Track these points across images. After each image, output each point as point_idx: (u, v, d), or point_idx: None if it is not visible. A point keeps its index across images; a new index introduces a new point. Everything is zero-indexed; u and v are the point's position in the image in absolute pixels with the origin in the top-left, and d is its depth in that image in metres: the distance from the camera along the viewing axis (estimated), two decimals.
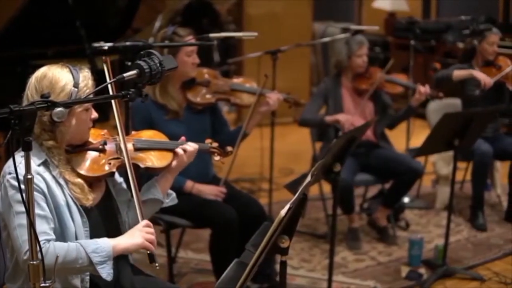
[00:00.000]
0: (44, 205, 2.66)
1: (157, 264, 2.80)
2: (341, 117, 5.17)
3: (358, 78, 5.39)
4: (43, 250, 2.47)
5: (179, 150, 3.12)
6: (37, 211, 2.58)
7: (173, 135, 3.93)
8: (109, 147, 2.94)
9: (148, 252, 2.79)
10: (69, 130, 2.76)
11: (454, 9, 9.90)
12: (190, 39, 4.14)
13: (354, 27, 5.56)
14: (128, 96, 2.62)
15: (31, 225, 2.29)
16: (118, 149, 2.94)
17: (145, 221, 2.81)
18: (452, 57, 8.68)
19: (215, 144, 3.44)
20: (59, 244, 2.62)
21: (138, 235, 2.76)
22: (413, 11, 10.20)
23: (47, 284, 2.35)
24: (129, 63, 3.42)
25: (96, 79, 2.84)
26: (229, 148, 3.46)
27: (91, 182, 2.86)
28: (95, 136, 2.96)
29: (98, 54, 5.36)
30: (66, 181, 2.76)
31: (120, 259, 2.94)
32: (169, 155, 3.12)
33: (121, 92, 2.66)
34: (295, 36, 8.14)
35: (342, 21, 10.73)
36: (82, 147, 2.87)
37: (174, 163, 3.11)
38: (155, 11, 7.37)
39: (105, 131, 3.04)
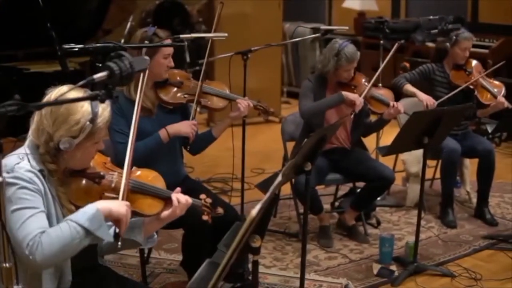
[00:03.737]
0: (41, 203, 2.63)
1: (119, 244, 2.76)
2: (357, 97, 5.06)
3: (343, 87, 5.24)
4: (39, 243, 2.49)
5: (174, 199, 3.01)
6: (35, 205, 2.59)
7: (145, 132, 3.96)
8: (106, 181, 2.87)
9: (117, 230, 2.72)
10: (72, 160, 2.75)
11: (423, 8, 9.98)
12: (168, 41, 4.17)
13: (324, 27, 5.57)
14: (98, 97, 2.62)
15: (3, 228, 2.28)
16: (114, 185, 2.88)
17: (128, 202, 2.75)
18: (421, 57, 8.76)
19: (208, 200, 3.36)
20: (50, 229, 2.56)
21: (123, 207, 2.70)
22: (382, 11, 10.27)
23: (20, 287, 2.34)
24: (100, 65, 3.41)
25: (67, 80, 2.83)
26: (219, 210, 3.42)
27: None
28: (96, 162, 2.91)
29: (69, 55, 5.37)
30: (62, 205, 2.74)
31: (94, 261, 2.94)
32: (161, 204, 3.01)
33: (91, 93, 2.66)
34: (265, 37, 8.15)
35: (312, 21, 10.77)
36: (79, 174, 2.83)
37: (165, 213, 3.00)
38: (125, 12, 7.36)
39: (108, 159, 2.99)
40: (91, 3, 6.55)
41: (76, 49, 3.87)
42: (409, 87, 5.82)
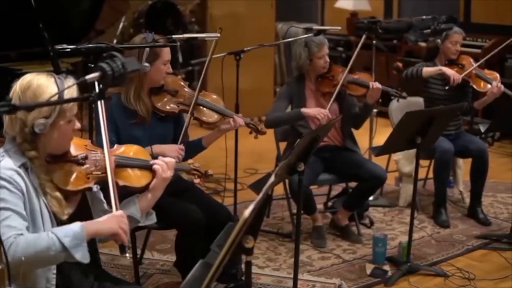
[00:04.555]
0: (21, 203, 2.63)
1: (127, 255, 2.75)
2: (318, 112, 5.09)
3: (321, 80, 5.34)
4: (13, 244, 2.49)
5: (156, 166, 3.06)
6: (13, 207, 2.59)
7: (136, 139, 3.93)
8: (90, 161, 2.90)
9: (120, 243, 2.71)
10: (51, 142, 2.76)
11: (415, 8, 9.99)
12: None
13: (316, 27, 5.56)
14: (91, 98, 2.62)
15: None
16: (99, 164, 2.91)
17: (121, 212, 2.75)
18: (414, 57, 8.77)
19: (196, 165, 3.38)
20: (30, 235, 2.57)
21: (113, 221, 2.69)
22: (375, 11, 10.28)
23: None
24: (92, 65, 3.41)
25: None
26: (210, 171, 3.43)
27: (67, 195, 2.84)
28: (77, 146, 2.93)
29: (61, 56, 5.35)
30: (46, 193, 2.75)
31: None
32: (149, 175, 3.07)
33: (84, 94, 2.66)
34: (258, 37, 8.15)
35: (304, 21, 10.78)
36: (62, 158, 2.84)
37: (154, 182, 3.06)
38: (118, 13, 7.34)
39: (88, 142, 3.02)
40: (84, 4, 6.53)
41: (69, 49, 3.87)
42: (428, 68, 5.82)
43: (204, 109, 4.41)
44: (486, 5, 9.21)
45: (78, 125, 2.86)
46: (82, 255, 2.59)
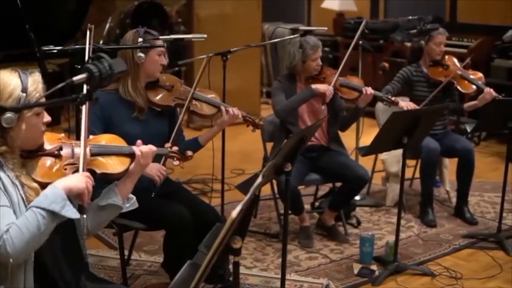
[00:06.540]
0: (5, 198, 2.63)
1: (85, 216, 2.76)
2: (327, 88, 5.14)
3: (312, 81, 5.31)
4: (7, 239, 2.49)
5: (136, 151, 3.07)
6: (3, 203, 2.59)
7: (130, 134, 3.94)
8: (65, 152, 2.89)
9: (80, 203, 2.73)
10: (20, 136, 2.72)
11: (401, 9, 10.02)
12: (159, 40, 4.18)
13: (303, 27, 5.57)
14: (78, 99, 2.61)
15: None
16: (74, 154, 2.90)
17: (87, 173, 2.77)
18: (400, 57, 8.79)
19: (174, 148, 3.39)
20: (17, 222, 2.56)
21: (82, 180, 2.70)
22: (361, 11, 10.31)
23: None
24: (79, 67, 3.41)
25: (46, 82, 2.82)
26: (189, 153, 3.43)
27: (46, 187, 2.84)
28: (52, 140, 2.92)
29: (47, 57, 5.34)
30: (22, 184, 2.74)
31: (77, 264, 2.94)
32: (127, 161, 3.06)
33: (71, 95, 2.66)
34: (244, 37, 8.16)
35: (291, 22, 10.79)
36: (36, 152, 2.83)
37: (131, 166, 3.07)
38: (105, 13, 7.34)
39: (62, 135, 3.01)
40: (71, 5, 6.53)
41: (55, 50, 3.86)
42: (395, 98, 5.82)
43: (200, 102, 4.43)
44: (472, 5, 9.25)
45: (48, 118, 2.84)
46: (72, 212, 2.62)
